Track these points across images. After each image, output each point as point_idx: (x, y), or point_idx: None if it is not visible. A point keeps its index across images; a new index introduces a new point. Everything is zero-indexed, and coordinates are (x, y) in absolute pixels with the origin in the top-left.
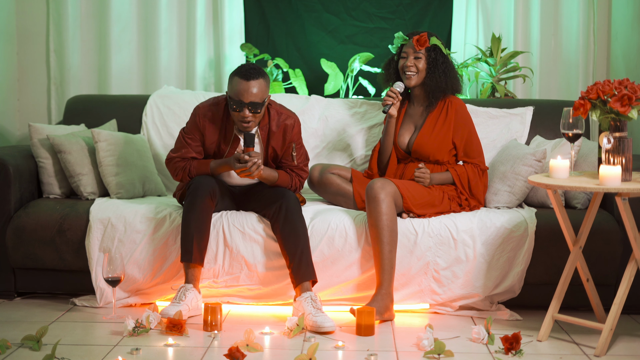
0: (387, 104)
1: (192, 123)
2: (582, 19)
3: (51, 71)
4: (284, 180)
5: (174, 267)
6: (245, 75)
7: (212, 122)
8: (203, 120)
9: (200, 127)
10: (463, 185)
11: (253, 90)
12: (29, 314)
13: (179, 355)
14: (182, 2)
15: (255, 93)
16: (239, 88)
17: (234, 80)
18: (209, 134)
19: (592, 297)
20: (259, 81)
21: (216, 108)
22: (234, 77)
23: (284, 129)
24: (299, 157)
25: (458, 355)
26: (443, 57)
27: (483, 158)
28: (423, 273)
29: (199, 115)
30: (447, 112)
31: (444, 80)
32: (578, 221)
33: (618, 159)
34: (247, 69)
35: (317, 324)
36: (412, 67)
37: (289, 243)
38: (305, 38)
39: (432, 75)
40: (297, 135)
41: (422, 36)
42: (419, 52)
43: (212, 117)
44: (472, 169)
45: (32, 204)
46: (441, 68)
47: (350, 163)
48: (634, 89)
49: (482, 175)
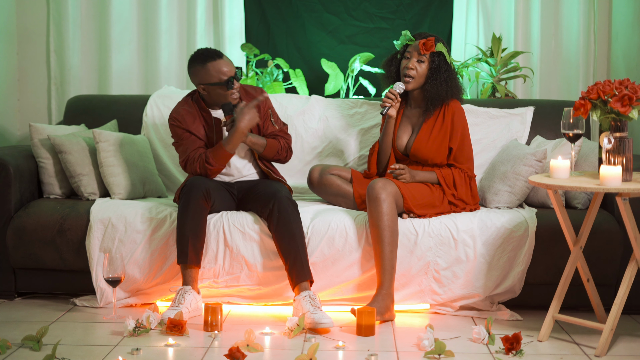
0: (385, 105)
1: (176, 130)
2: (582, 19)
3: (51, 71)
4: (273, 143)
5: (174, 267)
6: (216, 55)
7: (192, 118)
8: (183, 121)
9: (182, 124)
10: (448, 186)
11: (229, 62)
12: (30, 314)
13: (180, 355)
14: (182, 2)
15: (231, 63)
16: (220, 67)
17: (209, 65)
18: (191, 124)
19: (592, 297)
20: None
21: (187, 105)
22: (207, 63)
23: (252, 96)
24: (278, 122)
25: (458, 356)
26: (446, 64)
27: (472, 165)
28: (423, 273)
29: (177, 119)
30: (444, 116)
31: (444, 89)
32: (578, 221)
33: (618, 159)
34: (209, 51)
35: (314, 321)
36: (413, 70)
37: (283, 244)
38: (306, 38)
39: (434, 82)
40: (270, 103)
41: (429, 40)
42: (423, 56)
43: (188, 114)
44: (459, 173)
45: (33, 204)
46: (443, 76)
47: (350, 163)
48: (635, 89)
49: (470, 181)
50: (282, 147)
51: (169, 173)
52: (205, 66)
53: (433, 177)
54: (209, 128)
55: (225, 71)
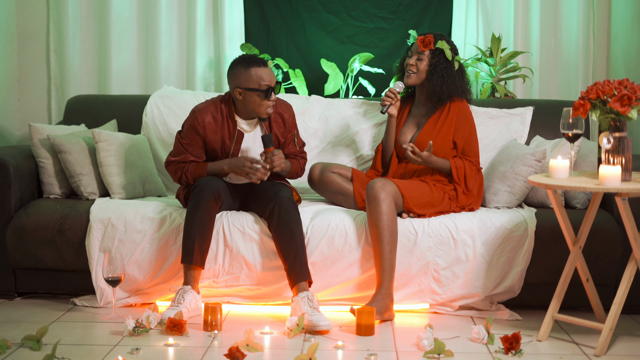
0: (385, 104)
1: (189, 126)
2: (582, 19)
3: (51, 71)
4: (295, 166)
5: (174, 267)
6: (261, 62)
7: (213, 121)
8: (202, 121)
9: (199, 129)
10: (459, 177)
11: (272, 73)
12: (29, 314)
13: (179, 355)
14: (182, 2)
15: (274, 75)
16: (262, 74)
17: (253, 71)
18: (210, 134)
19: (592, 297)
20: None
21: (214, 107)
22: (250, 68)
23: (282, 116)
24: (299, 142)
25: (458, 355)
26: (445, 62)
27: (479, 158)
28: (423, 273)
29: (198, 117)
30: (448, 112)
31: (439, 85)
32: (578, 221)
33: (618, 159)
34: (256, 57)
35: (312, 323)
36: (413, 66)
37: (283, 244)
38: (305, 38)
39: (430, 78)
40: (294, 120)
41: (426, 37)
42: (423, 53)
43: (212, 116)
44: (469, 165)
45: (33, 204)
46: (439, 73)
47: (350, 163)
48: (634, 89)
49: (477, 172)
50: (300, 169)
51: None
52: (249, 70)
53: (446, 166)
54: (229, 137)
55: (266, 79)
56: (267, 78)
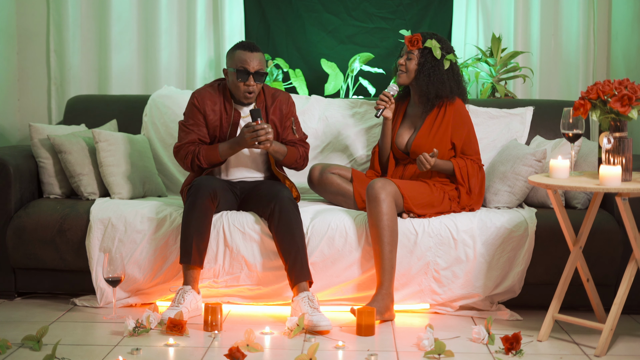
0: (379, 108)
1: (190, 108)
2: (582, 19)
3: (51, 71)
4: (292, 152)
5: (174, 267)
6: (248, 47)
7: (211, 102)
8: (202, 102)
9: (200, 107)
10: (462, 177)
11: (257, 60)
12: (29, 314)
13: (180, 355)
14: (182, 2)
15: (259, 63)
16: (244, 58)
17: (237, 53)
18: (210, 112)
19: (592, 297)
20: (260, 53)
21: (212, 89)
22: (236, 50)
23: (279, 102)
24: (299, 131)
25: (458, 356)
26: (433, 61)
27: (480, 156)
28: (423, 273)
29: (197, 98)
30: (444, 113)
31: (425, 84)
32: (578, 221)
33: (618, 159)
34: (248, 42)
35: (312, 323)
36: (402, 65)
37: (284, 244)
38: (306, 38)
39: (417, 78)
40: (293, 107)
41: (414, 36)
42: (412, 52)
43: (210, 96)
44: (471, 163)
45: (33, 204)
46: (426, 72)
47: (350, 163)
48: (634, 89)
49: (479, 170)
50: (300, 156)
51: (169, 173)
52: (235, 51)
53: (449, 167)
54: (226, 118)
55: (246, 62)
56: (248, 61)
